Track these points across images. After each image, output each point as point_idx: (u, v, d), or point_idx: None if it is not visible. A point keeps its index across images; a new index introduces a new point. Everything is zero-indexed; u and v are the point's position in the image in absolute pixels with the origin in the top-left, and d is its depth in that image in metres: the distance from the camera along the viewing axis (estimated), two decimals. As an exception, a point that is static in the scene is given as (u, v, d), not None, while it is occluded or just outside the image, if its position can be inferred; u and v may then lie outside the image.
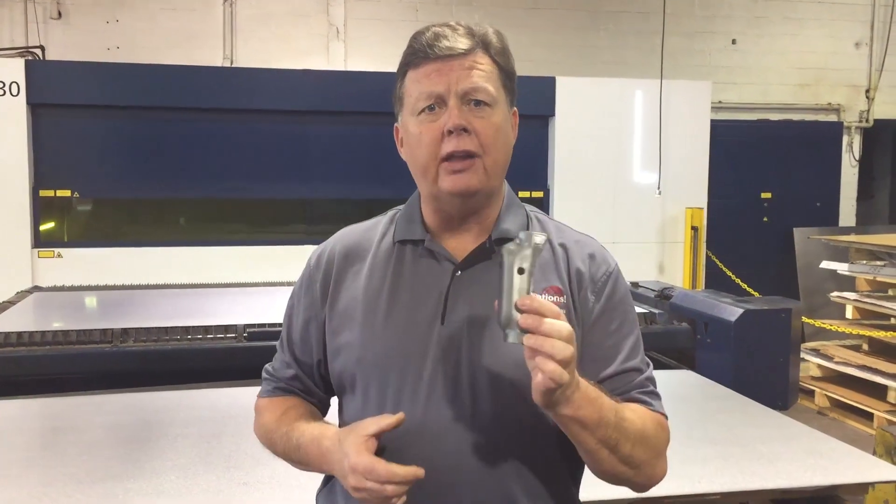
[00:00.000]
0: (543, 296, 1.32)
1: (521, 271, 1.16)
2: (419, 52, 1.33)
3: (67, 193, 6.27)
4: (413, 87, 1.34)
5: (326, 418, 1.48)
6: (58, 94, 6.17)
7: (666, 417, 1.37)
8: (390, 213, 1.48)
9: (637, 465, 1.28)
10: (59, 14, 6.92)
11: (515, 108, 1.41)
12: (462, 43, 1.32)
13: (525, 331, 1.12)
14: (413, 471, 1.20)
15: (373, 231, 1.45)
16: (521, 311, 1.13)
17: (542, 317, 1.12)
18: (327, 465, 1.32)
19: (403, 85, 1.37)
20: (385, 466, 1.20)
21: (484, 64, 1.33)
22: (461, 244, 1.38)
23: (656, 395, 1.38)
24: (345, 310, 1.39)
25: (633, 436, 1.26)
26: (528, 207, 1.46)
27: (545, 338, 1.11)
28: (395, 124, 1.43)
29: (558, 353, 1.11)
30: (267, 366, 1.53)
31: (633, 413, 1.29)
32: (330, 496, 1.45)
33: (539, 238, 1.17)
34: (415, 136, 1.34)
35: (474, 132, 1.30)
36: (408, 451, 1.28)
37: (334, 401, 1.50)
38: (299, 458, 1.40)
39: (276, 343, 1.52)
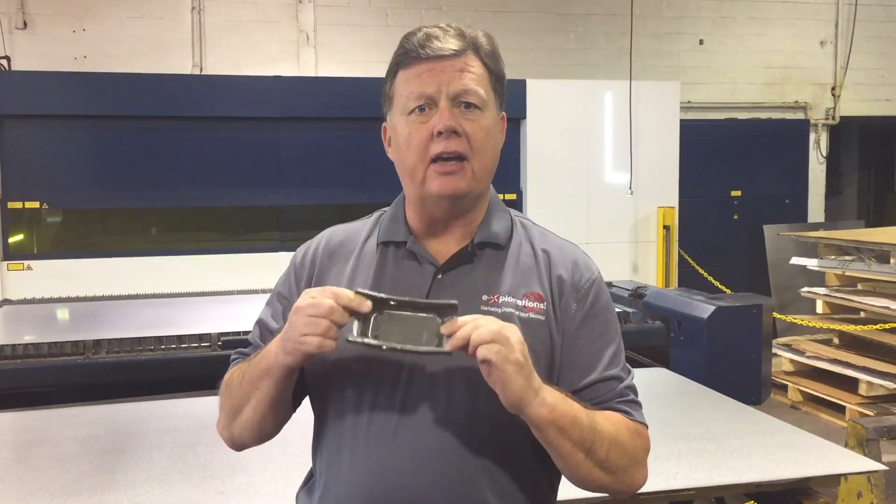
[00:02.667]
0: (524, 301, 1.34)
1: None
2: (411, 52, 1.33)
3: (36, 205, 6.20)
4: (403, 87, 1.34)
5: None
6: (25, 105, 6.10)
7: (646, 426, 1.37)
8: (375, 214, 1.49)
9: (614, 470, 1.29)
10: (25, 24, 6.83)
11: (504, 113, 1.42)
12: (453, 44, 1.33)
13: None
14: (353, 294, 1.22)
15: (358, 232, 1.46)
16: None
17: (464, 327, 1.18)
18: (276, 347, 1.28)
19: (393, 85, 1.37)
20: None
21: (475, 66, 1.34)
22: (444, 247, 1.38)
23: (636, 404, 1.38)
24: None
25: (608, 438, 1.27)
26: (513, 212, 1.47)
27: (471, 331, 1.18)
28: (384, 124, 1.43)
29: (484, 335, 1.17)
30: (233, 353, 1.49)
31: (606, 419, 1.30)
32: (309, 492, 1.44)
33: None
34: (403, 137, 1.34)
35: (464, 134, 1.31)
36: (382, 450, 1.29)
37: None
38: (251, 378, 1.33)
39: (248, 337, 1.48)
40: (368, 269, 1.39)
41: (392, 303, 1.22)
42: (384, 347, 1.21)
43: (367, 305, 1.21)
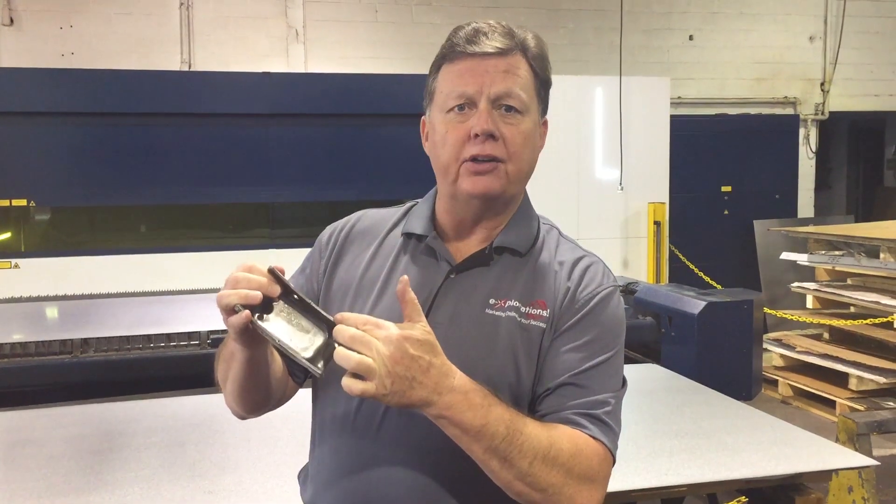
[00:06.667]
0: (528, 308, 1.31)
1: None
2: (456, 47, 1.31)
3: (24, 202, 6.16)
4: (445, 83, 1.32)
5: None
6: (12, 102, 6.05)
7: (605, 447, 1.25)
8: (408, 204, 1.48)
9: (543, 488, 1.19)
10: (11, 20, 6.78)
11: (546, 119, 1.39)
12: (500, 42, 1.30)
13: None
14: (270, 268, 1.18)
15: (386, 219, 1.45)
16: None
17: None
18: None
19: (436, 79, 1.35)
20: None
21: (520, 69, 1.31)
22: (464, 246, 1.37)
23: (600, 421, 1.26)
24: (338, 289, 1.39)
25: (533, 452, 1.17)
26: (543, 219, 1.44)
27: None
28: (423, 117, 1.41)
29: (350, 363, 1.10)
30: None
31: (543, 431, 1.20)
32: (304, 473, 1.46)
33: None
34: (440, 135, 1.32)
35: (502, 138, 1.28)
36: (365, 441, 1.29)
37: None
38: (224, 357, 1.34)
39: None
40: (386, 258, 1.39)
41: (295, 297, 1.18)
42: (266, 337, 1.16)
43: (275, 290, 1.17)
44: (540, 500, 1.20)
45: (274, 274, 1.18)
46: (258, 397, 1.38)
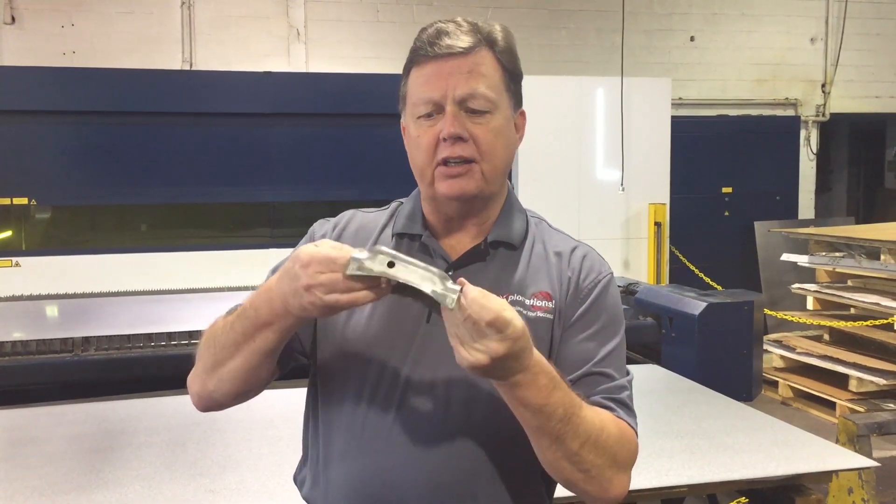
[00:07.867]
0: (532, 300, 1.33)
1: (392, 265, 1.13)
2: (420, 50, 1.31)
3: (25, 201, 6.16)
4: (414, 89, 1.33)
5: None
6: (13, 101, 6.05)
7: (634, 431, 1.30)
8: (393, 204, 1.48)
9: (587, 468, 1.23)
10: (13, 19, 6.78)
11: (523, 109, 1.40)
12: (464, 41, 1.29)
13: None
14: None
15: (375, 221, 1.45)
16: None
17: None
18: (277, 294, 1.20)
19: (407, 84, 1.36)
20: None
21: (485, 65, 1.31)
22: (458, 243, 1.37)
23: (625, 406, 1.31)
24: None
25: (585, 436, 1.21)
26: (529, 212, 1.46)
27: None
28: (402, 120, 1.41)
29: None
30: (225, 312, 1.41)
31: (596, 415, 1.24)
32: (301, 470, 1.44)
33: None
34: (413, 139, 1.33)
35: (472, 138, 1.29)
36: (376, 445, 1.29)
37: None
38: (245, 329, 1.25)
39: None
40: None
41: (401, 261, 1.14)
42: (403, 286, 1.12)
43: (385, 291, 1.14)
44: (580, 480, 1.24)
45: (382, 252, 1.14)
46: (263, 378, 1.33)
